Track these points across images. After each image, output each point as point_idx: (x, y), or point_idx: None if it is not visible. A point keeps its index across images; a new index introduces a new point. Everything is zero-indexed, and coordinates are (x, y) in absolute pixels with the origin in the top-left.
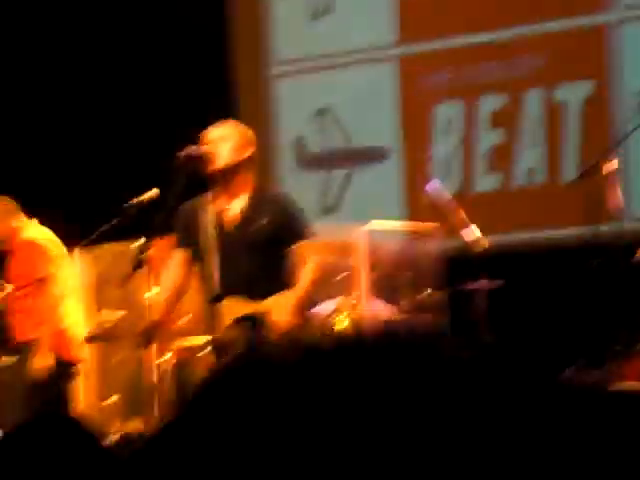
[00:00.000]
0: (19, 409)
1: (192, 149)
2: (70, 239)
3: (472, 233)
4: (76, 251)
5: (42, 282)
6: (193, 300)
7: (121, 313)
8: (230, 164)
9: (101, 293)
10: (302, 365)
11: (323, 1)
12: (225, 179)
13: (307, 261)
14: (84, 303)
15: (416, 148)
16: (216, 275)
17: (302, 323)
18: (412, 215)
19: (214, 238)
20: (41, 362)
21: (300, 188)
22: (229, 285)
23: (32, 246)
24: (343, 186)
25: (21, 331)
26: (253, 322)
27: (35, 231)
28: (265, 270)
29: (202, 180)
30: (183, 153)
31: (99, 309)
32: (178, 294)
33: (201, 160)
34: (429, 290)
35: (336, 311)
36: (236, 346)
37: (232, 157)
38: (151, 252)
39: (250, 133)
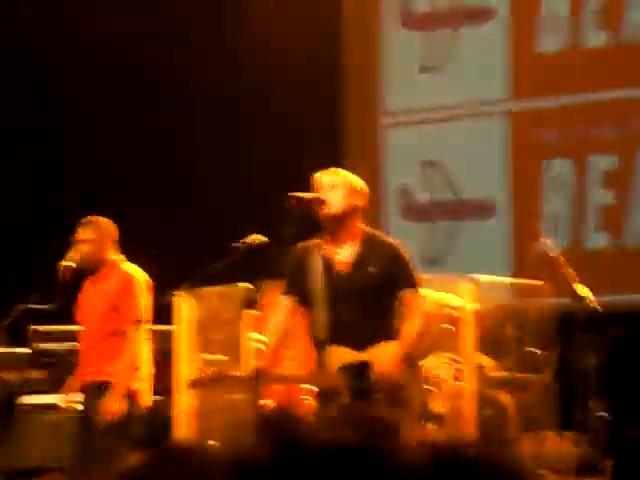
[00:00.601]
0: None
1: (303, 194)
2: (173, 281)
3: (581, 292)
4: (179, 293)
5: (135, 325)
6: (298, 347)
7: (224, 358)
8: (341, 212)
9: (204, 336)
10: None
11: (435, 54)
12: (336, 226)
13: (415, 311)
14: (187, 346)
15: (525, 203)
16: (324, 322)
17: (407, 376)
18: (519, 271)
19: (323, 285)
20: (115, 406)
21: (405, 237)
22: (336, 332)
23: (132, 283)
24: (449, 238)
25: (98, 371)
26: (359, 371)
27: (133, 269)
28: (373, 318)
29: (312, 224)
30: (294, 196)
31: (202, 352)
32: (283, 340)
33: (312, 205)
34: (535, 348)
35: (440, 365)
36: (341, 395)
37: (344, 205)
38: (259, 295)
39: (361, 182)
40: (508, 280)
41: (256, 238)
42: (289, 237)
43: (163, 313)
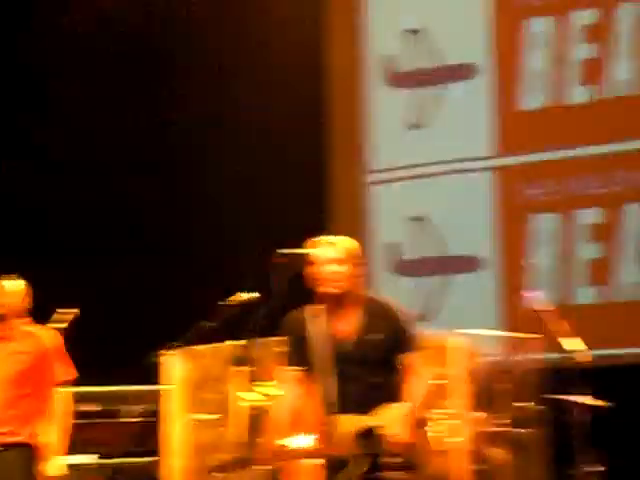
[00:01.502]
0: None
1: (292, 250)
2: (164, 339)
3: (575, 345)
4: (168, 352)
5: (56, 386)
6: (307, 419)
7: (215, 417)
8: (347, 287)
9: (195, 395)
10: None
11: (420, 112)
12: (340, 299)
13: (418, 372)
14: (177, 406)
15: (511, 257)
16: (332, 391)
17: (419, 438)
18: (509, 325)
19: (329, 356)
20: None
21: (395, 293)
22: (345, 400)
23: (47, 347)
24: (437, 293)
25: (14, 432)
26: (371, 436)
27: (41, 330)
28: (382, 385)
29: (301, 280)
30: (282, 253)
31: (192, 412)
32: (295, 415)
33: (302, 259)
34: (528, 403)
35: (434, 421)
36: (353, 462)
37: (350, 280)
38: (249, 352)
39: (358, 247)
40: (498, 334)
41: (244, 295)
42: (278, 293)
43: (150, 373)
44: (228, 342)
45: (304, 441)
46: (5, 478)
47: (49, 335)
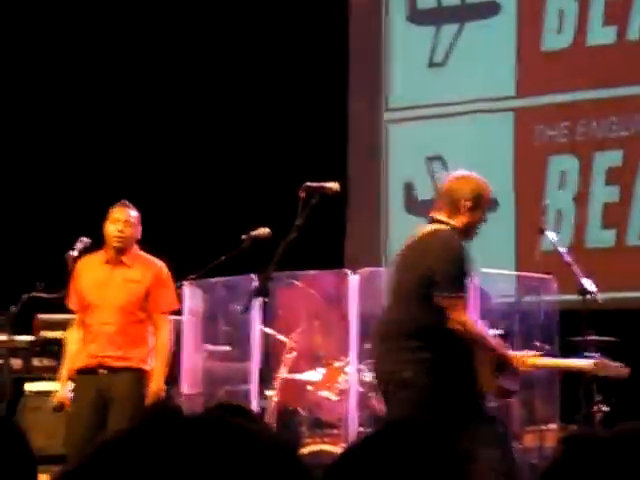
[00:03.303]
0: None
1: (317, 183)
2: (180, 271)
3: (587, 286)
4: (186, 284)
5: (167, 314)
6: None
7: (228, 348)
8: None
9: (209, 327)
10: None
11: (441, 50)
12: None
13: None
14: (193, 336)
15: (529, 199)
16: None
17: None
18: (523, 264)
19: None
20: (159, 390)
21: (408, 232)
22: None
23: (165, 273)
24: None
25: (124, 356)
26: None
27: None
28: None
29: (325, 212)
30: (309, 186)
31: (208, 343)
32: None
33: (326, 193)
34: (540, 342)
35: None
36: None
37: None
38: (268, 285)
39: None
40: (514, 274)
41: (260, 231)
42: (302, 227)
43: None
44: (247, 275)
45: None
46: (117, 399)
47: (162, 265)
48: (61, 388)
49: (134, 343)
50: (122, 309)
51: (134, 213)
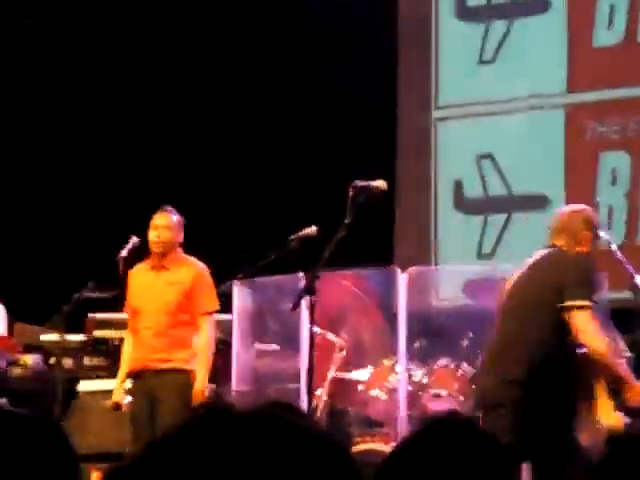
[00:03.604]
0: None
1: (368, 182)
2: (228, 271)
3: (639, 283)
4: (236, 283)
5: (209, 315)
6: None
7: (277, 348)
8: None
9: (259, 326)
10: None
11: (490, 47)
12: None
13: None
14: (243, 335)
15: (579, 196)
16: None
17: None
18: None
19: None
20: (203, 390)
21: (457, 230)
22: None
23: (205, 274)
24: (500, 231)
25: (168, 358)
26: None
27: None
28: None
29: (373, 211)
30: (359, 185)
31: (257, 342)
32: None
33: (376, 192)
34: None
35: None
36: None
37: None
38: (316, 284)
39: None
40: None
41: (308, 230)
42: (350, 225)
43: (219, 303)
44: (296, 274)
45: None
46: (163, 400)
47: (200, 267)
48: (116, 389)
49: (178, 345)
50: (164, 312)
51: (174, 218)
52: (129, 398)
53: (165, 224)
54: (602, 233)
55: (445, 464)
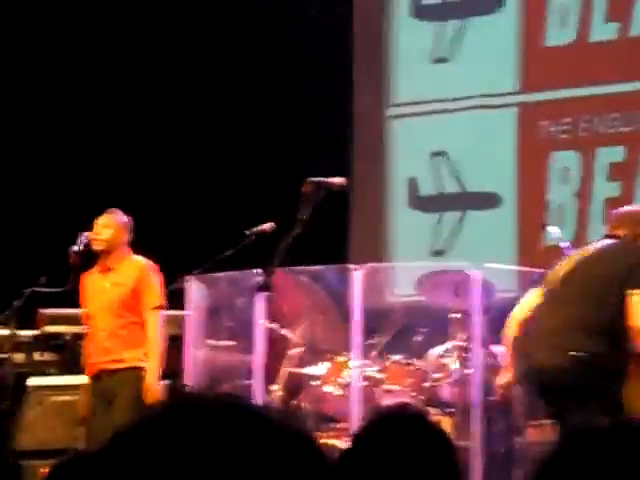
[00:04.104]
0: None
1: (323, 178)
2: (184, 266)
3: None
4: (190, 279)
5: (155, 311)
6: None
7: (231, 343)
8: None
9: (213, 321)
10: None
11: (444, 46)
12: None
13: None
14: (196, 331)
15: (531, 194)
16: None
17: None
18: (526, 260)
19: None
20: (155, 389)
21: (411, 228)
22: None
23: (149, 271)
24: (454, 228)
25: (119, 358)
26: None
27: (143, 259)
28: None
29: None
30: (312, 181)
31: (211, 338)
32: None
33: (334, 188)
34: None
35: (446, 353)
36: None
37: None
38: (271, 280)
39: None
40: (515, 268)
41: (265, 226)
42: (305, 222)
43: (174, 298)
44: (250, 270)
45: (319, 370)
46: (116, 399)
47: (144, 263)
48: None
49: (129, 345)
50: (113, 313)
51: (116, 218)
52: None
53: (105, 222)
54: (553, 230)
55: (396, 457)
